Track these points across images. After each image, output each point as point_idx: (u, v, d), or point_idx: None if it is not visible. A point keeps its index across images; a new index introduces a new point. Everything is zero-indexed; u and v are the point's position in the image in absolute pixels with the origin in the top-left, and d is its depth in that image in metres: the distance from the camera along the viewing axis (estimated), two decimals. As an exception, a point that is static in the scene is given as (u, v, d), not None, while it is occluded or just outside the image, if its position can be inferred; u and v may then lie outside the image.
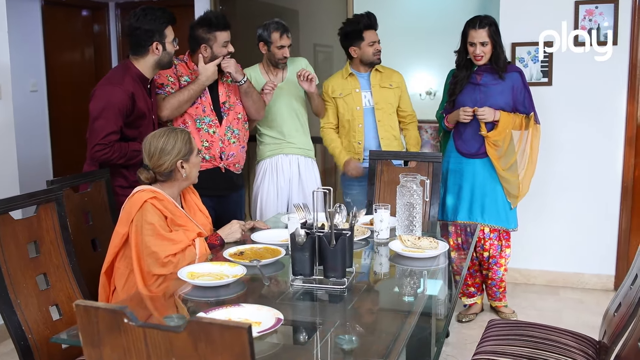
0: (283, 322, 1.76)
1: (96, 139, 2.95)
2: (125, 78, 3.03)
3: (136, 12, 3.06)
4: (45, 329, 2.25)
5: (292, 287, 2.11)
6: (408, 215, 2.56)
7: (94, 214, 2.88)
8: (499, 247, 3.67)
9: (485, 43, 3.49)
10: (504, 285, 3.77)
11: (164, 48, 3.09)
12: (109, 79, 3.08)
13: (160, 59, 3.11)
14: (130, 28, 3.06)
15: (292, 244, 2.08)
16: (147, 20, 3.03)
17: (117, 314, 1.34)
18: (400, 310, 2.06)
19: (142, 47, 3.07)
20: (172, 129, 2.56)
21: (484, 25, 3.50)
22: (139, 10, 3.07)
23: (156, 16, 3.04)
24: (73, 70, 6.07)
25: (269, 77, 3.82)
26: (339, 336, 1.67)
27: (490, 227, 3.60)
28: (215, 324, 1.25)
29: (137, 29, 3.05)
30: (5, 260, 2.18)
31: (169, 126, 3.20)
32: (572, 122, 4.22)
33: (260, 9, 6.09)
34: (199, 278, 2.13)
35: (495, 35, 3.51)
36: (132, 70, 3.09)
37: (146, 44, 3.06)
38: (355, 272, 2.24)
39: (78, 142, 5.96)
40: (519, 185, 3.60)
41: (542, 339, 2.39)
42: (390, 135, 3.83)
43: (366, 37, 3.76)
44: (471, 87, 3.57)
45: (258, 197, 3.86)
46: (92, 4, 6.14)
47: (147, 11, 3.04)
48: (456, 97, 3.62)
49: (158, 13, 3.06)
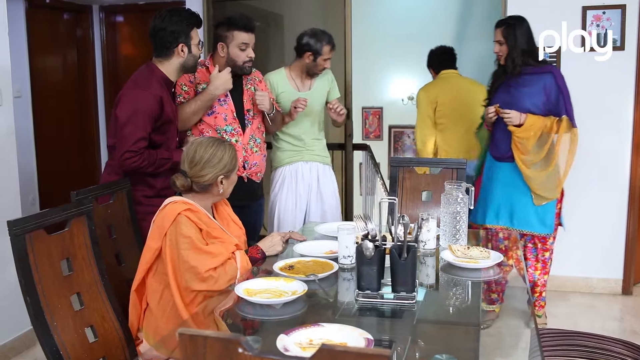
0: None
1: (126, 146, 2.78)
2: (152, 81, 2.87)
3: (161, 13, 2.91)
4: (83, 352, 2.10)
5: (357, 302, 2.00)
6: (455, 224, 2.48)
7: (117, 226, 2.71)
8: (534, 249, 3.62)
9: (500, 42, 3.50)
10: (538, 290, 3.69)
11: (190, 50, 2.95)
12: (136, 83, 2.91)
13: (186, 62, 2.97)
14: (155, 29, 2.91)
15: (358, 257, 1.97)
16: (173, 22, 2.89)
17: (230, 343, 1.21)
18: (471, 324, 1.98)
19: (167, 48, 2.92)
20: (220, 140, 2.42)
21: (501, 25, 3.53)
22: (164, 11, 2.92)
23: (182, 17, 2.91)
24: (56, 76, 5.82)
25: (295, 84, 3.72)
26: (436, 355, 1.57)
27: (519, 231, 3.55)
28: (350, 352, 1.14)
29: (162, 29, 2.90)
30: (40, 280, 2.03)
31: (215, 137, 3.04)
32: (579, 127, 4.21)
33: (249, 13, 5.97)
34: (256, 295, 2.00)
35: (510, 36, 3.47)
36: (157, 74, 2.93)
37: (172, 45, 2.91)
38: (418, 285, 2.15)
39: (62, 148, 5.75)
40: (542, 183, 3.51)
41: (597, 349, 2.34)
42: None
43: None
44: (504, 88, 3.53)
45: (276, 205, 3.73)
46: (75, 7, 5.90)
47: (173, 12, 2.91)
48: (491, 97, 3.63)
49: (184, 14, 2.92)
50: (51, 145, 5.58)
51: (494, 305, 3.78)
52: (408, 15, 7.00)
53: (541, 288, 3.67)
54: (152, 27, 2.93)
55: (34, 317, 1.97)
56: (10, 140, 3.38)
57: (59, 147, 5.70)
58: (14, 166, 3.41)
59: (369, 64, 7.01)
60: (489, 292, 3.75)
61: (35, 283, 2.00)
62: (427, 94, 4.34)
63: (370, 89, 7.51)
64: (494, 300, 3.77)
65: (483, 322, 3.79)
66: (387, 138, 7.84)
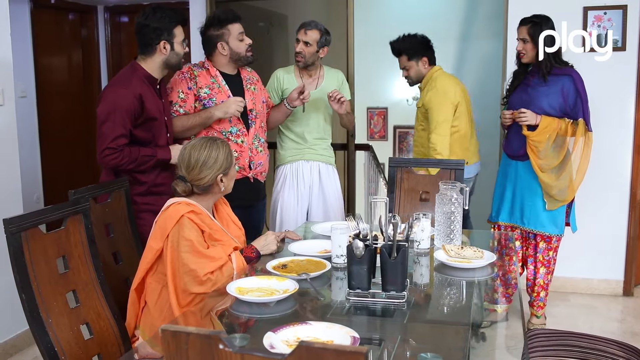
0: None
1: (104, 143, 2.83)
2: (132, 79, 2.92)
3: (145, 11, 2.96)
4: (78, 349, 2.12)
5: (348, 301, 2.01)
6: (449, 224, 2.49)
7: (115, 225, 2.74)
8: (535, 247, 3.63)
9: (525, 40, 3.48)
10: (537, 290, 3.68)
11: (172, 48, 3.00)
12: (117, 81, 2.98)
13: (168, 59, 3.01)
14: (139, 26, 2.97)
15: (349, 256, 1.98)
16: (156, 19, 2.94)
17: (211, 339, 1.23)
18: (461, 323, 1.99)
19: (150, 45, 2.97)
20: (213, 139, 2.43)
21: (526, 22, 3.50)
22: (148, 8, 2.97)
23: (165, 15, 2.95)
24: (62, 76, 5.87)
25: (302, 82, 3.73)
26: (421, 354, 1.58)
27: (529, 230, 3.57)
28: (328, 349, 1.15)
29: (145, 26, 2.95)
30: (36, 277, 2.05)
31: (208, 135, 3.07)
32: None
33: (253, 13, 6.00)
34: (248, 293, 2.02)
35: (536, 35, 3.43)
36: (140, 71, 2.98)
37: (154, 42, 2.96)
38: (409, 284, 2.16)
39: (67, 148, 5.80)
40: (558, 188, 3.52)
41: (590, 349, 2.34)
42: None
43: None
44: (522, 88, 3.54)
45: (278, 203, 3.75)
46: (80, 7, 5.95)
47: (157, 9, 2.95)
48: (509, 96, 3.64)
49: (168, 12, 2.97)
50: (56, 144, 5.62)
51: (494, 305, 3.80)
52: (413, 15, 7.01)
53: (539, 288, 3.66)
54: (136, 24, 2.99)
55: (29, 314, 1.99)
56: (12, 139, 3.42)
57: (64, 147, 5.74)
58: (16, 164, 3.45)
59: (374, 64, 7.01)
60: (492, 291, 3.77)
61: (31, 280, 2.02)
62: (450, 94, 3.78)
63: (375, 89, 7.52)
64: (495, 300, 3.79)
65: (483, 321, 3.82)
66: (392, 138, 7.85)
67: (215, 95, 3.29)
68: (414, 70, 3.90)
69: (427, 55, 3.88)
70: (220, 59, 3.35)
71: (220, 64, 3.36)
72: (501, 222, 3.65)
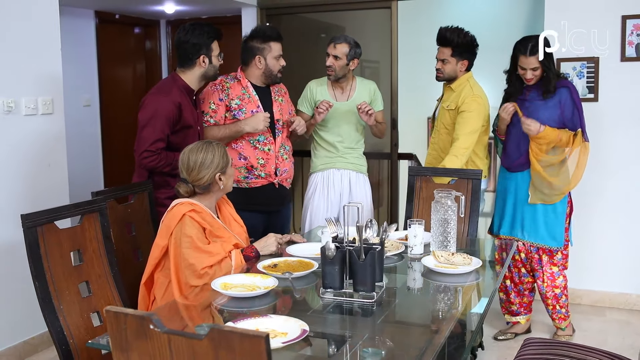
0: (312, 335, 1.79)
1: (144, 146, 3.07)
2: (173, 89, 3.17)
3: (185, 27, 3.21)
4: (86, 334, 2.33)
5: (322, 300, 2.13)
6: (442, 231, 2.56)
7: (137, 225, 2.98)
8: (539, 261, 3.60)
9: (536, 68, 3.45)
10: (551, 303, 3.64)
11: (210, 61, 3.24)
12: (158, 89, 3.22)
13: (206, 72, 3.26)
14: (179, 42, 3.22)
15: (322, 257, 2.11)
16: (195, 35, 3.18)
17: (144, 320, 1.39)
18: (430, 326, 2.06)
19: (190, 59, 3.22)
20: (208, 142, 2.63)
21: (535, 53, 3.40)
22: (187, 25, 3.22)
23: (203, 31, 3.18)
24: (125, 86, 6.28)
25: (333, 94, 3.87)
26: (363, 349, 1.68)
27: (530, 243, 3.56)
28: (235, 332, 1.29)
29: (185, 42, 3.19)
30: (50, 268, 2.28)
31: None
32: (620, 138, 4.13)
33: (307, 25, 6.16)
34: (232, 289, 2.18)
35: (546, 61, 3.42)
36: (179, 82, 3.23)
37: (193, 57, 3.21)
38: (386, 286, 2.25)
39: (128, 155, 6.16)
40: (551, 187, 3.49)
41: (578, 360, 2.34)
42: None
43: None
44: (518, 103, 3.53)
45: (308, 209, 3.92)
46: (144, 22, 6.36)
47: (196, 26, 3.19)
48: None
49: (205, 28, 3.19)
50: (118, 152, 6.02)
51: (516, 316, 3.78)
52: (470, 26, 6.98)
53: (552, 301, 3.62)
54: (176, 40, 3.24)
55: (42, 300, 2.23)
56: (61, 146, 3.73)
57: (126, 154, 6.12)
58: (64, 168, 3.76)
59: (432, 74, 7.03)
60: (509, 303, 3.76)
61: (45, 270, 2.26)
62: (487, 106, 3.70)
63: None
64: (516, 312, 3.77)
65: (503, 333, 3.80)
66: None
67: (245, 106, 3.50)
68: (451, 67, 3.70)
69: (470, 58, 3.73)
70: (253, 71, 3.55)
71: (252, 75, 3.56)
72: (502, 236, 3.64)
